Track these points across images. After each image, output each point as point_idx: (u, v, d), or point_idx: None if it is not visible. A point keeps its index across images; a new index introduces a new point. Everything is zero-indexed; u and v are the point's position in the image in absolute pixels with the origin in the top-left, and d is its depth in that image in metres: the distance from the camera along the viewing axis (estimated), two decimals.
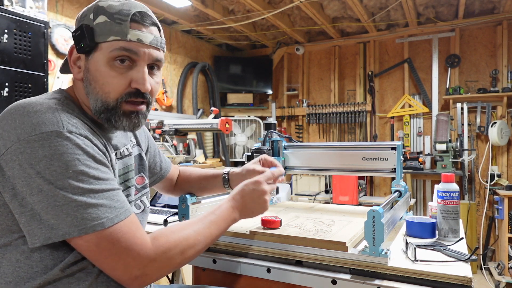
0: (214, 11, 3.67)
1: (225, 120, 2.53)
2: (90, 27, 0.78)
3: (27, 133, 0.68)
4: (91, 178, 0.69)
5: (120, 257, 0.70)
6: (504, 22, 3.83)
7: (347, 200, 3.55)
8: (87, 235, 0.68)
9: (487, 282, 3.49)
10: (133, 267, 0.70)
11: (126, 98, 0.80)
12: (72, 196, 0.67)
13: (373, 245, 0.86)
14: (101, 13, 0.78)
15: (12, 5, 2.18)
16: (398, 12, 3.95)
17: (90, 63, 0.80)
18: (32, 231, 0.68)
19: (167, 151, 2.96)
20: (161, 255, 0.73)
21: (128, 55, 0.78)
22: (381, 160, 1.37)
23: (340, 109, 4.59)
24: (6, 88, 2.05)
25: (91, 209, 0.68)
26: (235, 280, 1.05)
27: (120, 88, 0.79)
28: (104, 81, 0.79)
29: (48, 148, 0.67)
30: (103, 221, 0.68)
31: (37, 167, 0.67)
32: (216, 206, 0.92)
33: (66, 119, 0.72)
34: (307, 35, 4.76)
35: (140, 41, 0.78)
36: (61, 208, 0.67)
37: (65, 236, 0.67)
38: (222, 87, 4.95)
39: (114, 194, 0.72)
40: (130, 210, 0.74)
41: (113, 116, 0.80)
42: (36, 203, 0.67)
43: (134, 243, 0.71)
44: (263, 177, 0.98)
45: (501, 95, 3.73)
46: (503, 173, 3.85)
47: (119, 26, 0.77)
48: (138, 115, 0.83)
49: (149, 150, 1.10)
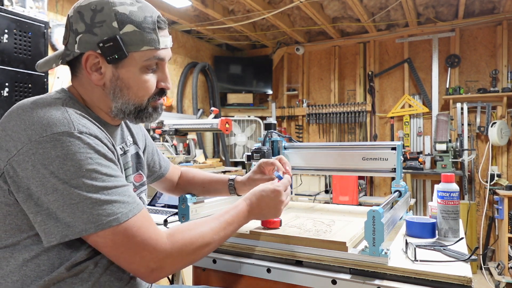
0: (214, 11, 3.67)
1: (225, 120, 2.53)
2: (118, 38, 0.78)
3: (38, 134, 0.69)
4: (103, 176, 0.71)
5: (137, 251, 0.71)
6: (504, 22, 3.83)
7: (347, 200, 3.55)
8: (103, 231, 0.69)
9: (487, 282, 3.49)
10: (150, 260, 0.72)
11: (156, 98, 0.88)
12: (86, 194, 0.69)
13: (373, 245, 0.86)
14: (128, 22, 0.79)
15: (12, 5, 2.18)
16: (398, 12, 3.95)
17: (121, 72, 0.82)
18: (48, 230, 0.69)
19: (167, 151, 2.96)
20: (177, 251, 0.75)
21: (159, 62, 0.85)
22: (381, 160, 1.37)
23: (340, 109, 4.59)
24: (6, 88, 2.05)
25: (106, 206, 0.70)
26: (235, 280, 1.05)
27: (151, 91, 0.86)
28: (139, 87, 0.84)
29: (61, 148, 0.69)
30: (118, 216, 0.70)
31: (50, 167, 0.68)
32: (232, 206, 0.93)
33: (76, 120, 0.73)
34: (307, 35, 4.76)
35: (166, 46, 0.85)
36: (77, 206, 0.68)
37: (82, 233, 0.69)
38: (222, 87, 4.95)
39: (125, 190, 0.75)
40: (141, 205, 0.76)
41: (143, 113, 0.87)
42: (52, 202, 0.68)
43: (149, 237, 0.72)
44: (283, 187, 1.00)
45: (501, 95, 3.73)
46: (503, 173, 3.85)
47: (150, 35, 0.81)
48: (161, 107, 0.92)
49: (146, 148, 1.12)
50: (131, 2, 0.81)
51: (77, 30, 0.79)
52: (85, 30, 0.79)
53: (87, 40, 0.79)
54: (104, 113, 0.87)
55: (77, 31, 0.79)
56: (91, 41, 0.79)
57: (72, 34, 0.80)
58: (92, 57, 0.80)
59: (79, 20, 0.79)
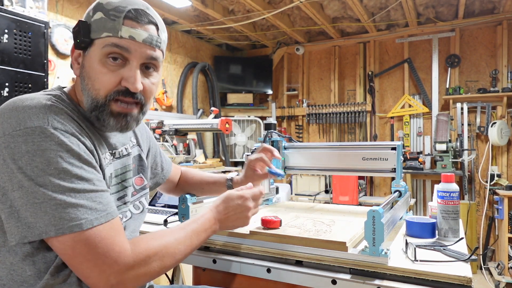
0: (214, 11, 3.67)
1: (225, 120, 2.53)
2: (88, 24, 0.78)
3: (12, 127, 0.67)
4: (73, 177, 0.67)
5: (96, 264, 0.66)
6: (504, 22, 3.83)
7: (347, 200, 3.55)
8: (64, 236, 0.65)
9: (487, 282, 3.48)
10: (109, 275, 0.67)
11: (115, 96, 0.78)
12: (51, 193, 0.65)
13: (373, 245, 0.86)
14: (99, 10, 0.78)
15: (12, 5, 2.18)
16: (398, 12, 3.95)
17: (85, 59, 0.80)
18: (9, 229, 0.67)
19: (167, 151, 2.96)
20: (140, 263, 0.70)
21: (120, 52, 0.76)
22: (381, 160, 1.37)
23: (340, 109, 4.59)
24: (6, 88, 2.05)
25: (70, 209, 0.65)
26: (235, 280, 1.05)
27: (109, 85, 0.77)
28: (95, 78, 0.77)
29: (32, 143, 0.66)
30: (81, 222, 0.66)
31: (19, 162, 0.65)
32: (199, 215, 0.90)
33: (53, 115, 0.70)
34: (307, 35, 4.76)
35: (132, 38, 0.76)
36: (40, 205, 0.65)
37: (42, 235, 0.65)
38: (222, 87, 4.95)
39: (97, 195, 0.70)
40: (112, 214, 0.71)
41: (102, 115, 0.78)
42: (16, 199, 0.65)
43: (112, 249, 0.67)
44: (250, 193, 0.95)
45: (501, 95, 3.73)
46: (503, 173, 3.85)
47: (113, 22, 0.76)
48: (127, 117, 0.81)
49: (150, 150, 1.10)
50: None
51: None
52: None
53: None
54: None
55: None
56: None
57: None
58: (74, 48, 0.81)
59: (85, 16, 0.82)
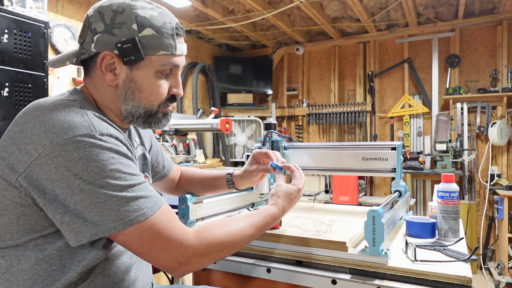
0: (214, 11, 3.67)
1: (225, 120, 2.53)
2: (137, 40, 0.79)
3: (60, 136, 0.70)
4: (126, 175, 0.73)
5: (164, 247, 0.73)
6: (504, 22, 3.83)
7: (347, 200, 3.55)
8: (129, 229, 0.71)
9: (487, 282, 3.48)
10: (178, 255, 0.74)
11: (166, 104, 0.89)
12: (112, 192, 0.70)
13: (373, 245, 0.86)
14: (148, 26, 0.80)
15: (12, 5, 2.18)
16: (398, 12, 3.95)
17: (136, 74, 0.82)
18: (78, 229, 0.70)
19: (167, 151, 2.96)
20: (204, 247, 0.77)
21: (174, 68, 0.86)
22: (381, 160, 1.37)
23: (340, 109, 4.59)
24: (6, 88, 2.05)
25: (132, 202, 0.72)
26: (235, 280, 1.05)
27: (163, 96, 0.87)
28: (151, 91, 0.84)
29: (83, 150, 0.70)
30: (144, 211, 0.72)
31: (74, 170, 0.69)
32: (261, 209, 0.94)
33: (96, 122, 0.75)
34: (307, 35, 4.76)
35: (182, 53, 0.86)
36: (104, 204, 0.70)
37: (111, 230, 0.70)
38: (222, 87, 4.95)
39: (147, 185, 0.77)
40: (163, 199, 0.78)
41: (153, 119, 0.88)
42: (79, 202, 0.70)
43: (175, 233, 0.74)
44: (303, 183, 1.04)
45: (501, 95, 3.73)
46: (503, 173, 3.85)
47: (168, 40, 0.82)
48: (171, 114, 0.93)
49: (152, 149, 1.13)
50: (151, 7, 0.82)
51: (96, 29, 0.80)
52: (104, 30, 0.80)
53: (105, 40, 0.80)
54: (113, 115, 0.87)
55: (95, 30, 0.80)
56: (108, 41, 0.80)
57: (90, 33, 0.81)
58: (108, 57, 0.81)
59: (99, 20, 0.80)
